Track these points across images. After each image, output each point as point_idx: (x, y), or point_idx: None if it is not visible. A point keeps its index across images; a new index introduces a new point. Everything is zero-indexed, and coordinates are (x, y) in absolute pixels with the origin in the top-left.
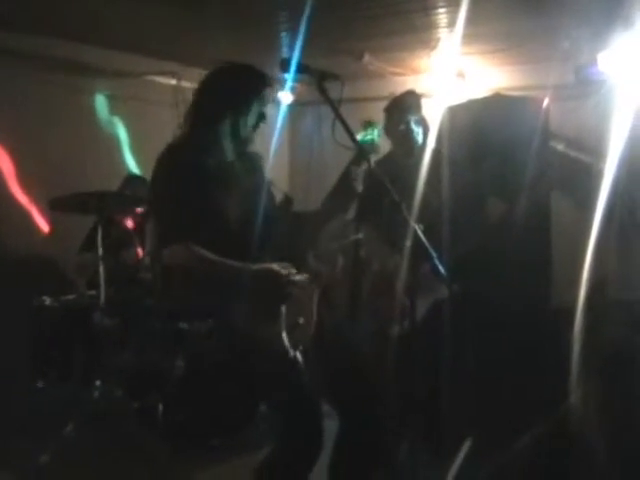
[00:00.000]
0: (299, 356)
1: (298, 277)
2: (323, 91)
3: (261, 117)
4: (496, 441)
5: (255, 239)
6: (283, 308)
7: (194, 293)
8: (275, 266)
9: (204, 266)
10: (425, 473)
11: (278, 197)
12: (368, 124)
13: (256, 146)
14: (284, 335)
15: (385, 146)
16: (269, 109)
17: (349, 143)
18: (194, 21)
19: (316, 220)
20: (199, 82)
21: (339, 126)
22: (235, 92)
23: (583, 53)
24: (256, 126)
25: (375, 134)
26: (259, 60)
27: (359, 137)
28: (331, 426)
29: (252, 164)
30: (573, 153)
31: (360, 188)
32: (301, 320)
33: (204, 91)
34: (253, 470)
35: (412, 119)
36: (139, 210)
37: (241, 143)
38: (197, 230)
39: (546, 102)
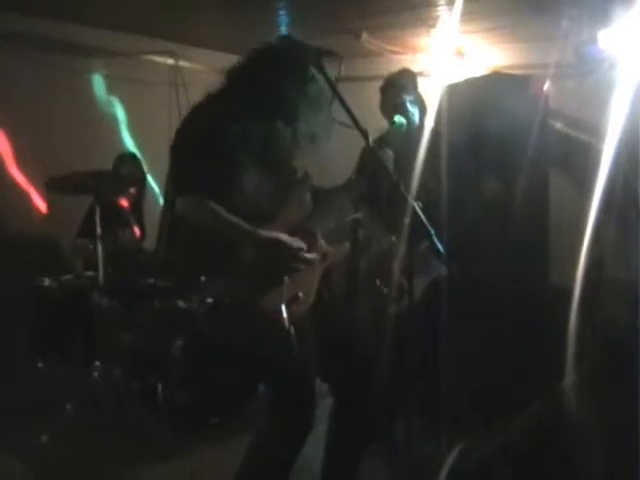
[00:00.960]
0: (293, 330)
1: (306, 253)
2: (321, 69)
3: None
4: (491, 420)
5: (270, 206)
6: (286, 279)
7: (201, 247)
8: (285, 236)
9: (214, 222)
10: (422, 451)
11: (299, 171)
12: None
13: None
14: (283, 307)
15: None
16: None
17: (347, 121)
18: (192, 1)
19: (337, 197)
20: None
21: (336, 104)
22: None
23: (583, 31)
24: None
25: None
26: (256, 38)
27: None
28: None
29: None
30: (572, 132)
31: (408, 147)
32: (300, 294)
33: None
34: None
35: (407, 99)
36: (133, 190)
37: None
38: (213, 184)
39: (546, 81)
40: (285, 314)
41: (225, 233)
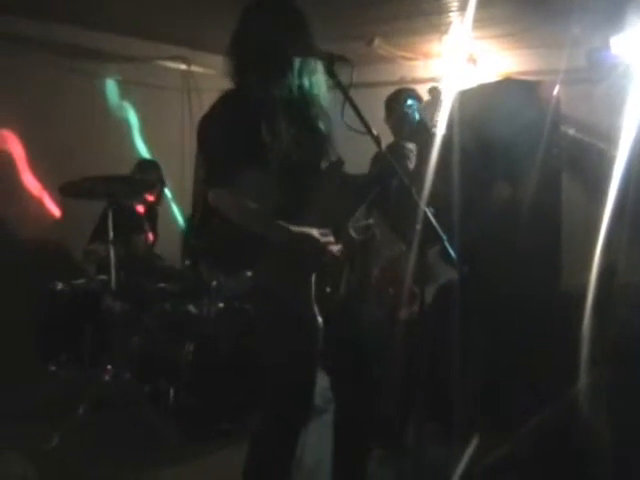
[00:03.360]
0: (322, 325)
1: (335, 247)
2: (333, 75)
3: (305, 53)
4: (504, 425)
5: (300, 194)
6: (314, 274)
7: (230, 240)
8: (315, 232)
9: (245, 217)
10: (433, 456)
11: (332, 157)
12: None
13: None
14: (314, 302)
15: None
16: None
17: (359, 127)
18: (203, 6)
19: (367, 183)
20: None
21: (348, 110)
22: (271, 30)
23: (595, 36)
24: (312, 74)
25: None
26: None
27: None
28: None
29: (307, 113)
30: (584, 137)
31: (411, 166)
32: (328, 289)
33: (242, 31)
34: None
35: (407, 111)
36: (149, 195)
37: (296, 87)
38: (243, 177)
39: (557, 86)
40: (316, 309)
41: (255, 227)
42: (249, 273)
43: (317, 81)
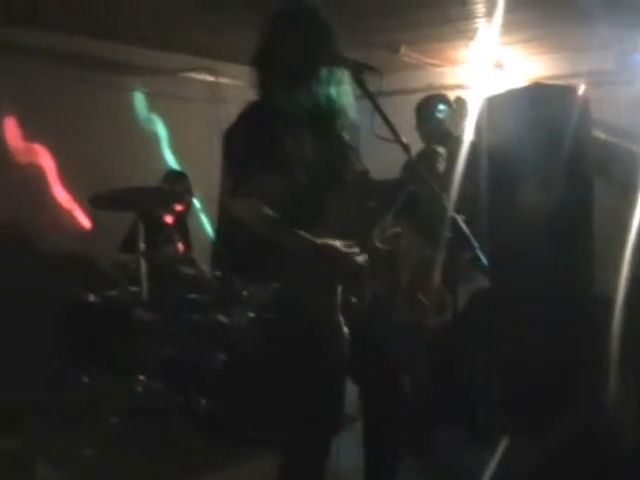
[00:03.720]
0: (349, 336)
1: (360, 258)
2: (361, 84)
3: (333, 63)
4: (531, 433)
5: (324, 205)
6: (339, 286)
7: (254, 251)
8: (339, 244)
9: (269, 228)
10: (461, 460)
11: (357, 167)
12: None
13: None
14: (339, 312)
15: None
16: None
17: (387, 135)
18: (229, 18)
19: (392, 190)
20: (265, 28)
21: (377, 118)
22: (298, 40)
23: (625, 39)
24: (336, 84)
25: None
26: None
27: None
28: None
29: (333, 122)
30: (615, 140)
31: (442, 168)
32: (354, 299)
33: (268, 41)
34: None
35: (440, 118)
36: (178, 207)
37: (321, 96)
38: (268, 188)
39: (587, 90)
40: (342, 320)
41: (280, 240)
42: (276, 284)
43: (344, 91)
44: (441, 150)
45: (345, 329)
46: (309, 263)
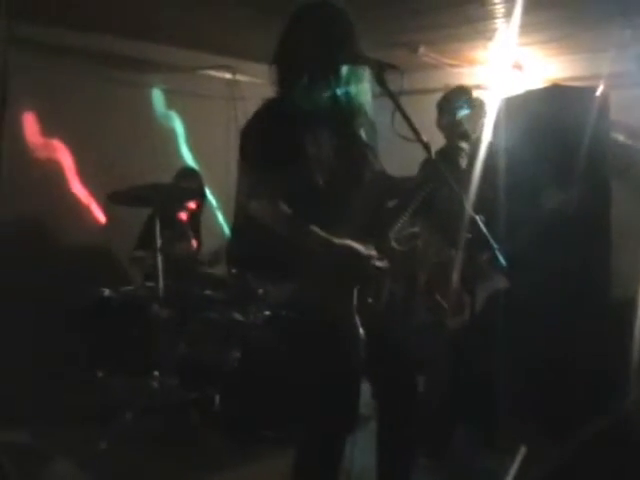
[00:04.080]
0: (365, 337)
1: (378, 262)
2: (383, 83)
3: (355, 61)
4: (550, 436)
5: (342, 206)
6: (356, 287)
7: (272, 252)
8: (357, 245)
9: (286, 227)
10: (478, 464)
11: (375, 167)
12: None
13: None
14: (355, 313)
15: None
16: None
17: (408, 134)
18: (248, 16)
19: (409, 189)
20: (285, 25)
21: (398, 117)
22: (320, 37)
23: None
24: (351, 77)
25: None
26: None
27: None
28: None
29: (350, 121)
30: (635, 142)
31: (464, 164)
32: (370, 300)
33: (289, 38)
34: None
35: (462, 114)
36: (192, 204)
37: (338, 96)
38: (285, 187)
39: (606, 92)
40: (358, 321)
41: (297, 239)
42: (292, 284)
43: (362, 89)
44: (464, 145)
45: (361, 330)
46: (326, 263)
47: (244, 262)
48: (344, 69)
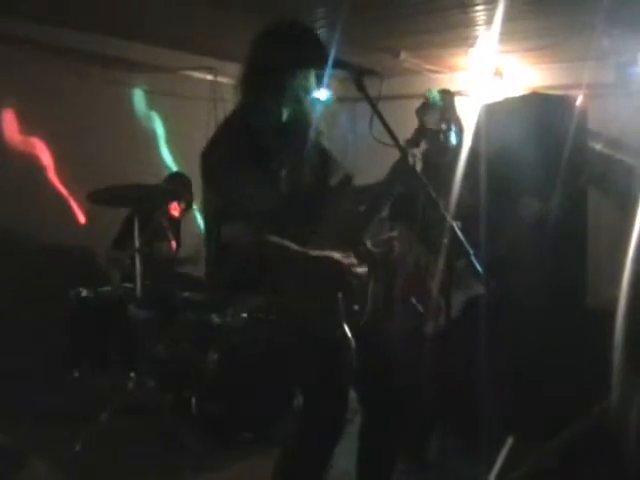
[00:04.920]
0: (354, 344)
1: (358, 268)
2: (362, 87)
3: (318, 80)
4: (532, 440)
5: (314, 217)
6: (339, 295)
7: (249, 273)
8: (336, 254)
9: (262, 247)
10: (458, 470)
11: (339, 173)
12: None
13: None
14: (344, 323)
15: None
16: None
17: (386, 139)
18: (230, 17)
19: (378, 191)
20: (251, 43)
21: (376, 122)
22: (287, 55)
23: (623, 51)
24: (312, 91)
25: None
26: None
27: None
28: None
29: (311, 136)
30: (612, 152)
31: (418, 167)
32: (356, 307)
33: (257, 51)
34: (275, 459)
35: (445, 118)
36: (175, 207)
37: (300, 109)
38: (256, 208)
39: (584, 101)
40: (347, 329)
41: (274, 256)
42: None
43: (320, 101)
44: (415, 151)
45: (351, 339)
46: (306, 276)
47: (226, 286)
48: (300, 83)
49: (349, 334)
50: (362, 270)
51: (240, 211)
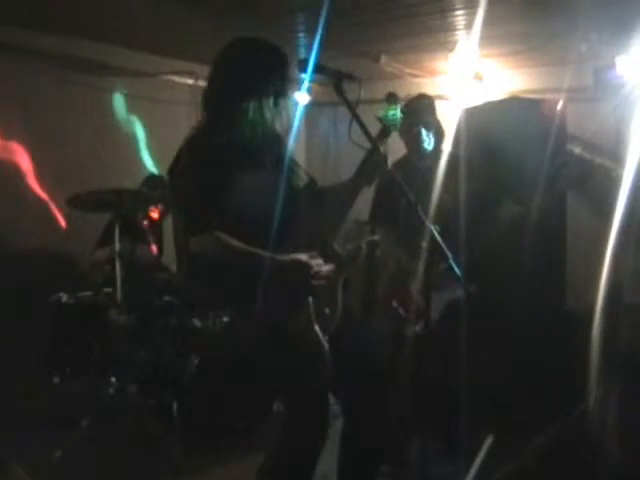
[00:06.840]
0: (327, 347)
1: (325, 268)
2: (341, 92)
3: (282, 94)
4: (512, 442)
5: (281, 223)
6: (309, 298)
7: (221, 282)
8: (303, 257)
9: (231, 255)
10: (439, 473)
11: (303, 179)
12: (392, 99)
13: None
14: (316, 326)
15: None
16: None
17: (365, 143)
18: (211, 21)
19: (344, 192)
20: (213, 60)
21: (355, 126)
22: (253, 69)
23: (601, 56)
24: (278, 104)
25: (398, 110)
26: None
27: (383, 112)
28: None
29: (275, 146)
30: (590, 156)
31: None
32: (327, 310)
33: (220, 70)
34: (258, 467)
35: (424, 122)
36: (154, 210)
37: (264, 124)
38: (223, 218)
39: (563, 105)
40: (319, 332)
41: (243, 264)
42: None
43: (284, 113)
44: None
45: (324, 341)
46: (276, 280)
47: (199, 298)
48: (260, 99)
49: (321, 336)
50: (328, 268)
51: (209, 222)
